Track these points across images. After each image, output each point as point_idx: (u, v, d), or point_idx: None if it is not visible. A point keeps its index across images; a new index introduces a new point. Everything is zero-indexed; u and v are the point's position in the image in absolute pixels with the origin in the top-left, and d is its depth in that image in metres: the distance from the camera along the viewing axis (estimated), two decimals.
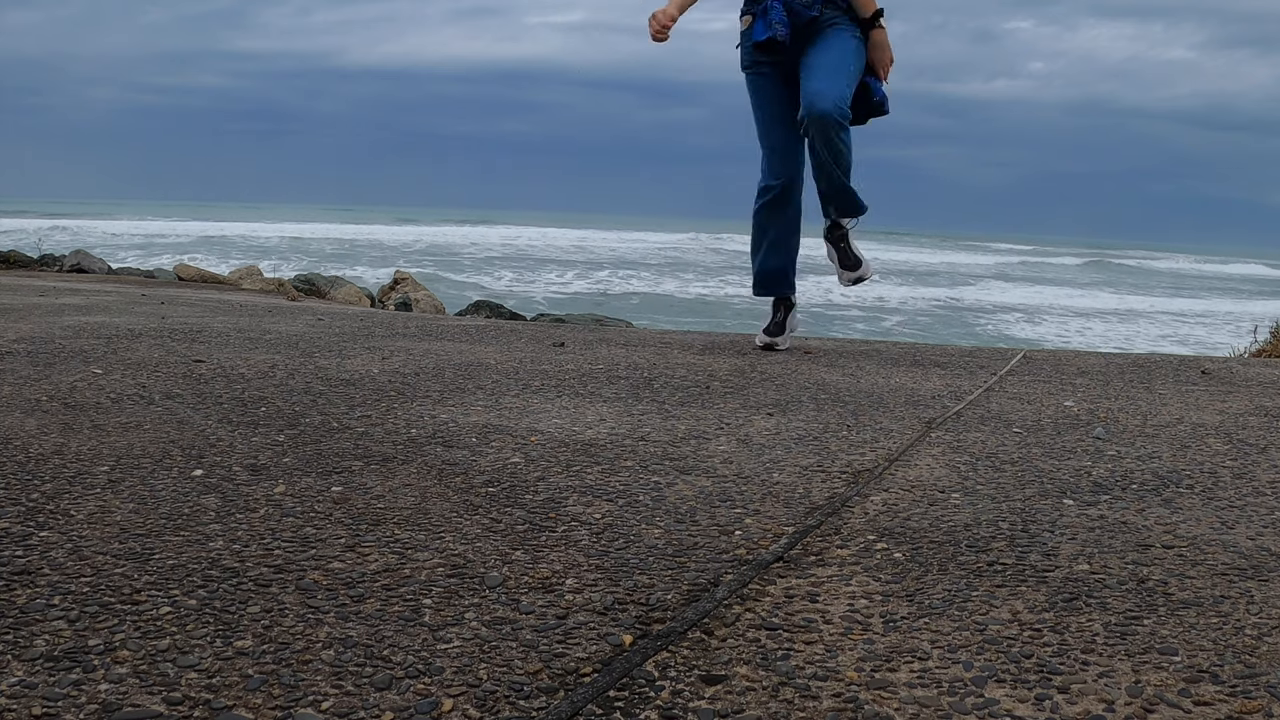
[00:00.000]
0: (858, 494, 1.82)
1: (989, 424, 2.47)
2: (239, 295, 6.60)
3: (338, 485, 1.75)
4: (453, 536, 1.52)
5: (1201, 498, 1.85)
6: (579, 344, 3.77)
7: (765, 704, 1.05)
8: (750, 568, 1.43)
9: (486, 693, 1.06)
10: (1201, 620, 1.28)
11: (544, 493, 1.76)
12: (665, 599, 1.31)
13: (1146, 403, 2.83)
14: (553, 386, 2.79)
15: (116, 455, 1.89)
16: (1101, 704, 1.06)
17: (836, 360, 3.53)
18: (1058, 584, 1.40)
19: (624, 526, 1.60)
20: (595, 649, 1.16)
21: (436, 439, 2.11)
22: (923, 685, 1.10)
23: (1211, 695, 1.08)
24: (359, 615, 1.23)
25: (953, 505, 1.77)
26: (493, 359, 3.27)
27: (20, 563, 1.34)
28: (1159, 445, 2.28)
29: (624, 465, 1.96)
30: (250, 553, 1.41)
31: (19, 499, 1.61)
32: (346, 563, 1.39)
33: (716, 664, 1.14)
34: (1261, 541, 1.60)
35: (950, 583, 1.39)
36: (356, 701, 1.03)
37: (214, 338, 3.57)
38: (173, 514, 1.57)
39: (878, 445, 2.21)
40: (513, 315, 7.72)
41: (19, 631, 1.14)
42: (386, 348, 3.47)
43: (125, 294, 5.62)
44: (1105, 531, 1.63)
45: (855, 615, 1.28)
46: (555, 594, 1.32)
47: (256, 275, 8.58)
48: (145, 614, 1.20)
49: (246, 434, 2.09)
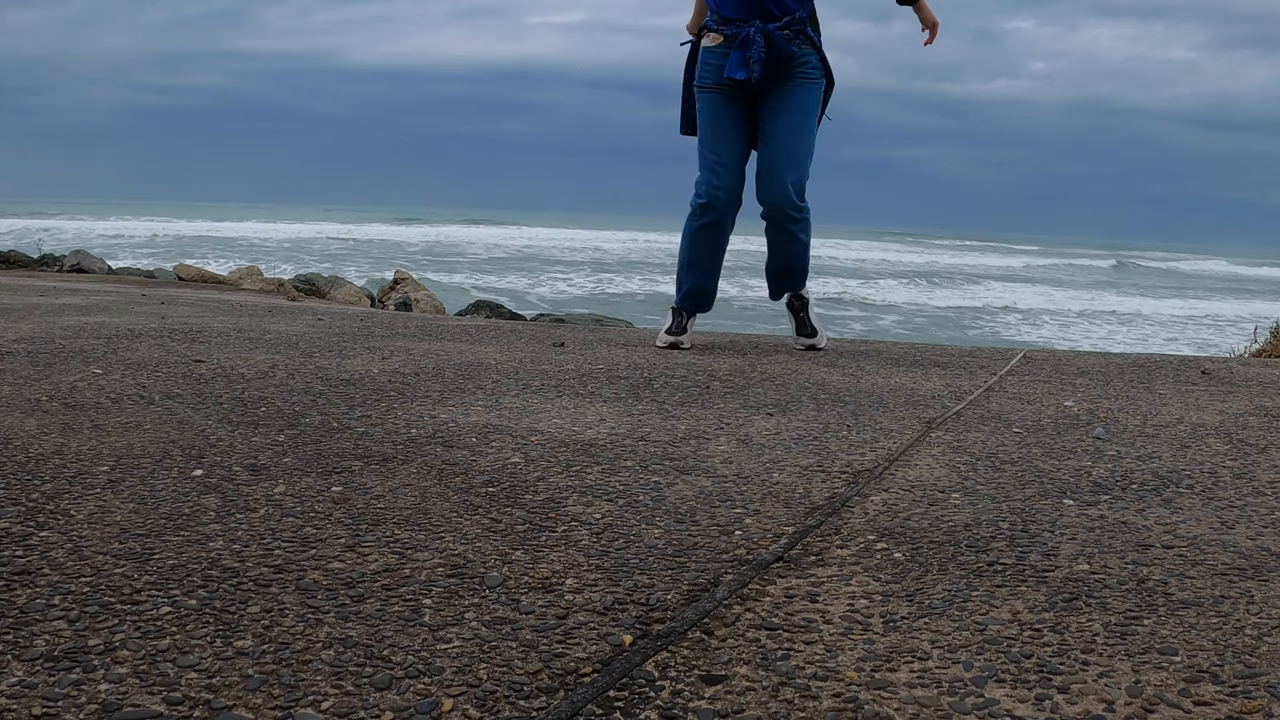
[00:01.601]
0: (858, 494, 1.82)
1: (989, 424, 2.47)
2: (239, 295, 6.60)
3: (338, 485, 1.75)
4: (453, 536, 1.52)
5: (1201, 498, 1.85)
6: (579, 344, 3.77)
7: (765, 704, 1.05)
8: (750, 568, 1.43)
9: (486, 693, 1.06)
10: (1201, 620, 1.28)
11: (544, 493, 1.76)
12: (665, 599, 1.31)
13: (1146, 403, 2.83)
14: (553, 386, 2.79)
15: (116, 455, 1.89)
16: (1101, 704, 1.06)
17: (836, 360, 3.53)
18: (1058, 584, 1.40)
19: (624, 526, 1.60)
20: (595, 649, 1.16)
21: (436, 439, 2.11)
22: (923, 685, 1.10)
23: (1211, 695, 1.08)
24: (359, 615, 1.23)
25: (953, 505, 1.77)
26: (493, 359, 3.27)
27: (20, 563, 1.34)
28: (1159, 445, 2.28)
29: (624, 465, 1.96)
30: (250, 553, 1.41)
31: (19, 499, 1.61)
32: (346, 563, 1.39)
33: (716, 664, 1.14)
34: (1261, 541, 1.60)
35: (950, 583, 1.39)
36: (356, 701, 1.03)
37: (214, 338, 3.57)
38: (173, 514, 1.57)
39: (878, 445, 2.21)
40: (513, 315, 7.72)
41: (19, 631, 1.14)
42: (386, 348, 3.47)
43: (125, 294, 5.62)
44: (1105, 531, 1.63)
45: (855, 615, 1.28)
46: (555, 594, 1.32)
47: (256, 275, 8.58)
48: (145, 614, 1.20)
49: (246, 434, 2.09)
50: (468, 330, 4.17)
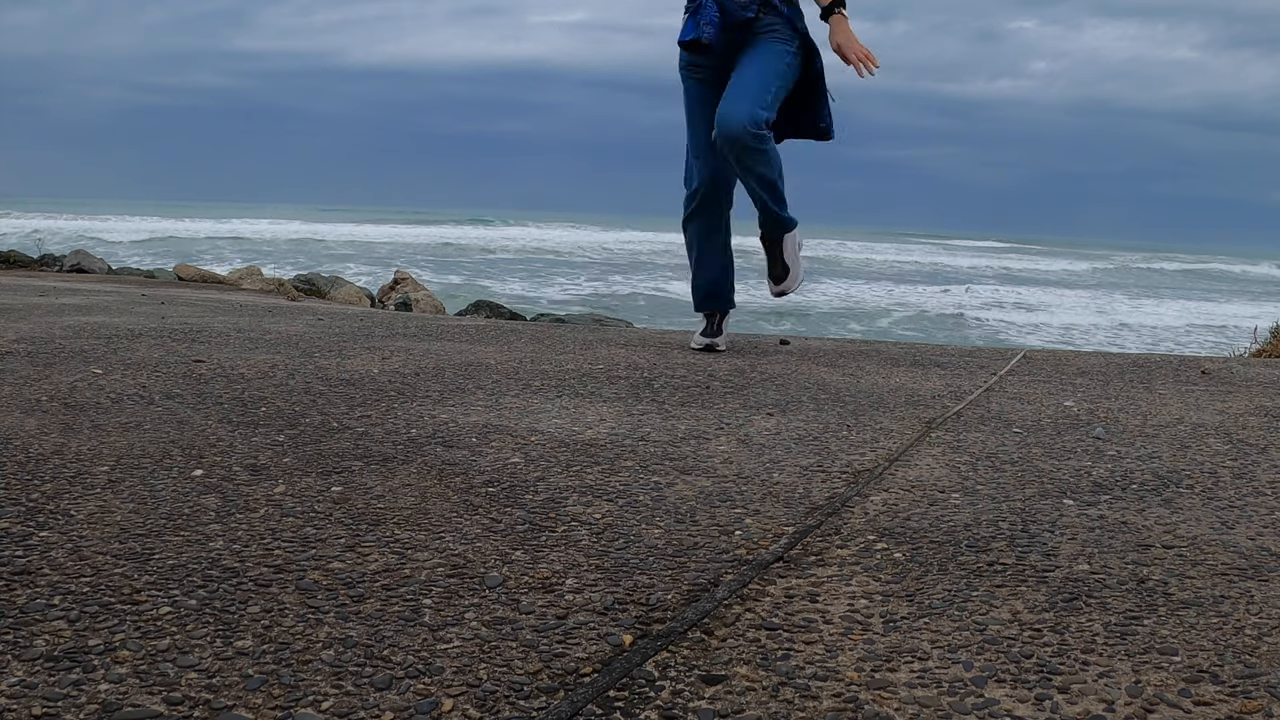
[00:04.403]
0: (858, 494, 1.82)
1: (989, 424, 2.47)
2: (239, 295, 6.60)
3: (338, 485, 1.75)
4: (453, 536, 1.52)
5: (1201, 498, 1.85)
6: (579, 344, 3.77)
7: (765, 704, 1.05)
8: (750, 568, 1.43)
9: (486, 693, 1.06)
10: (1201, 620, 1.28)
11: (544, 493, 1.76)
12: (665, 599, 1.31)
13: (1146, 403, 2.83)
14: (553, 386, 2.79)
15: (116, 455, 1.89)
16: (1101, 704, 1.06)
17: (836, 360, 3.53)
18: (1058, 584, 1.40)
19: (624, 526, 1.60)
20: (595, 649, 1.16)
21: (436, 439, 2.11)
22: (923, 685, 1.10)
23: (1211, 695, 1.08)
24: (359, 615, 1.23)
25: (953, 505, 1.77)
26: (493, 359, 3.27)
27: (20, 563, 1.34)
28: (1159, 445, 2.28)
29: (624, 465, 1.96)
30: (250, 553, 1.41)
31: (19, 499, 1.61)
32: (346, 563, 1.39)
33: (716, 664, 1.14)
34: (1261, 541, 1.60)
35: (950, 583, 1.39)
36: (356, 701, 1.03)
37: (214, 338, 3.57)
38: (173, 514, 1.57)
39: (878, 445, 2.21)
40: (513, 315, 7.72)
41: (19, 631, 1.14)
42: (386, 348, 3.47)
43: (125, 294, 5.62)
44: (1105, 531, 1.63)
45: (855, 615, 1.28)
46: (555, 594, 1.32)
47: (256, 275, 8.58)
48: (145, 614, 1.20)
49: (246, 434, 2.09)
50: (468, 330, 4.17)
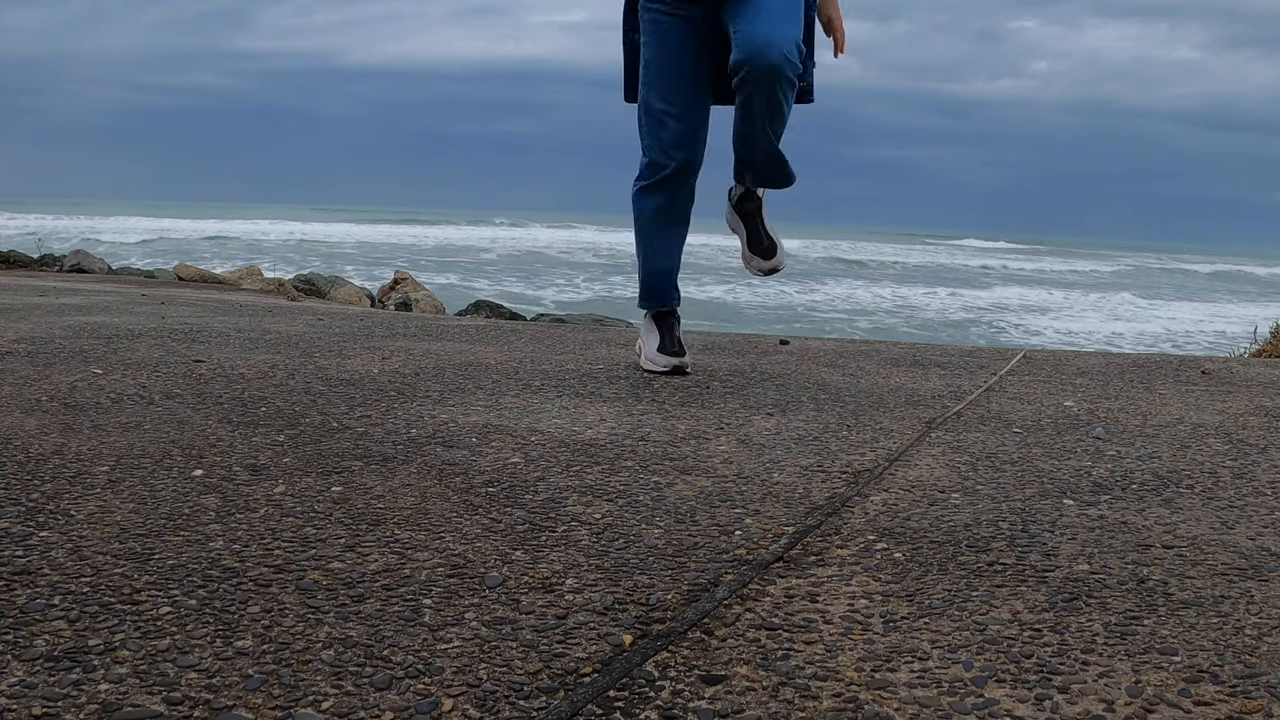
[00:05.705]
0: (858, 494, 1.82)
1: (989, 424, 2.47)
2: (239, 295, 6.60)
3: (338, 485, 1.75)
4: (453, 536, 1.52)
5: (1201, 498, 1.85)
6: (579, 344, 3.77)
7: (765, 704, 1.05)
8: (750, 568, 1.43)
9: (486, 693, 1.06)
10: (1201, 620, 1.28)
11: (544, 493, 1.76)
12: (665, 599, 1.31)
13: (1146, 403, 2.83)
14: (553, 386, 2.79)
15: (116, 455, 1.89)
16: (1101, 704, 1.06)
17: (836, 360, 3.53)
18: (1058, 584, 1.40)
19: (624, 526, 1.60)
20: (595, 649, 1.16)
21: (436, 439, 2.11)
22: (923, 685, 1.10)
23: (1211, 695, 1.08)
24: (359, 615, 1.23)
25: (953, 505, 1.77)
26: (493, 359, 3.27)
27: (20, 563, 1.34)
28: (1159, 445, 2.28)
29: (624, 465, 1.96)
30: (250, 553, 1.41)
31: (19, 499, 1.61)
32: (346, 563, 1.39)
33: (716, 664, 1.14)
34: (1261, 541, 1.60)
35: (950, 583, 1.39)
36: (356, 701, 1.03)
37: (214, 338, 3.57)
38: (173, 514, 1.57)
39: (878, 445, 2.21)
40: (513, 315, 7.72)
41: (19, 631, 1.15)
42: (386, 348, 3.47)
43: (125, 294, 5.62)
44: (1105, 531, 1.63)
45: (855, 615, 1.28)
46: (555, 594, 1.32)
47: (256, 275, 8.58)
48: (145, 614, 1.20)
49: (246, 434, 2.09)
50: (468, 330, 4.18)
